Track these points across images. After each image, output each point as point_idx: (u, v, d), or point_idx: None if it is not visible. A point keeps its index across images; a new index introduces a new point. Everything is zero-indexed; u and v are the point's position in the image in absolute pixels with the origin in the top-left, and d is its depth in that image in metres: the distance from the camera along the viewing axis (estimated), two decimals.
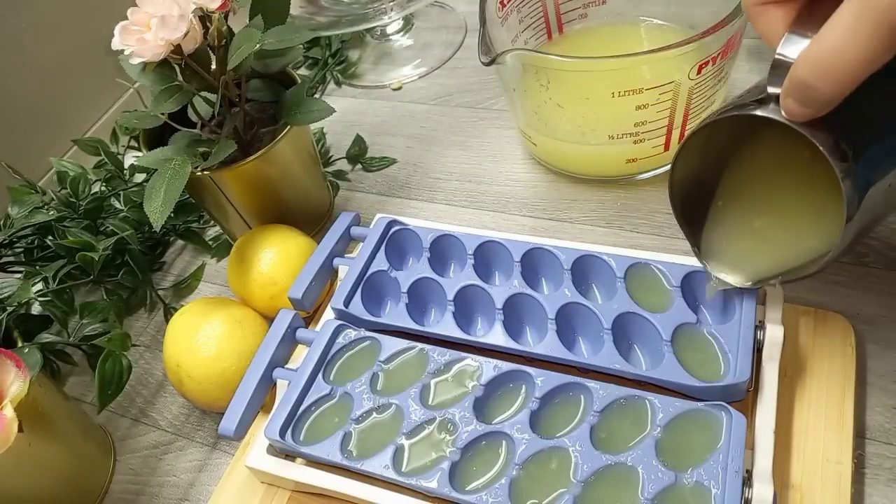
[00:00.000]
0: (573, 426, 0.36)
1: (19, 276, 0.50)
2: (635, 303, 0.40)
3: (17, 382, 0.36)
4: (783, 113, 0.29)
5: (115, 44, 0.41)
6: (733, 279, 0.37)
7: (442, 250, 0.46)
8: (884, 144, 0.31)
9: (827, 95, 0.27)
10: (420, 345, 0.41)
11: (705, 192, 0.39)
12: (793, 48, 0.28)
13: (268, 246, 0.48)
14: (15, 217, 0.53)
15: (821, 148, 0.29)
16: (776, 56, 0.29)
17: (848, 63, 0.25)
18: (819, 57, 0.26)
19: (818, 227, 0.34)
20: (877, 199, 0.31)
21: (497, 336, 0.41)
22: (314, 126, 0.61)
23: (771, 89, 0.29)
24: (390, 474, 0.36)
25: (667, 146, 0.49)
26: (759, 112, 0.30)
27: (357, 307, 0.44)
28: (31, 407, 0.38)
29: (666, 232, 0.49)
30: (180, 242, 0.60)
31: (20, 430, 0.35)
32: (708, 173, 0.38)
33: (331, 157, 0.63)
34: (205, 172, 0.47)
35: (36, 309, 0.52)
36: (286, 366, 0.42)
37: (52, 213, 0.53)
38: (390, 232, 0.47)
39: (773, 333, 0.37)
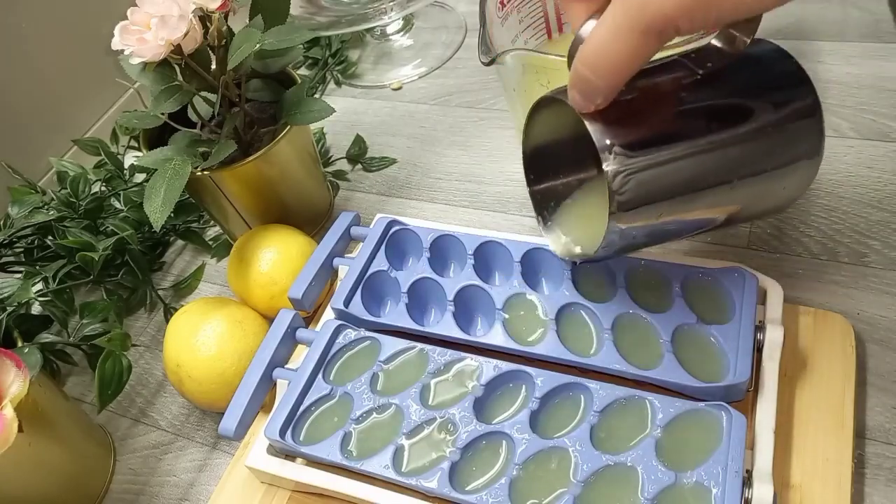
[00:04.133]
0: (573, 426, 0.36)
1: (19, 276, 0.50)
2: (636, 303, 0.40)
3: (17, 382, 0.36)
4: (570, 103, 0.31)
5: (115, 44, 0.41)
6: (557, 248, 0.39)
7: (442, 250, 0.46)
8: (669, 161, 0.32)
9: (601, 88, 0.29)
10: (420, 345, 0.41)
11: (564, 165, 0.40)
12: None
13: (268, 246, 0.48)
14: (15, 217, 0.53)
15: (593, 136, 0.31)
16: (573, 44, 0.30)
17: (612, 61, 0.27)
18: (590, 53, 0.28)
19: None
20: (652, 211, 0.33)
21: (497, 336, 0.41)
22: (314, 126, 0.61)
23: None
24: (390, 474, 0.36)
25: None
26: (558, 96, 0.33)
27: (357, 307, 0.44)
28: (31, 407, 0.38)
29: None
30: (180, 242, 0.60)
31: (20, 430, 0.35)
32: (564, 148, 0.39)
33: (331, 157, 0.63)
34: (205, 172, 0.47)
35: (36, 309, 0.52)
36: (286, 366, 0.42)
37: (52, 213, 0.53)
38: (390, 232, 0.47)
39: (773, 333, 0.37)
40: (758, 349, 0.38)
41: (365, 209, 0.57)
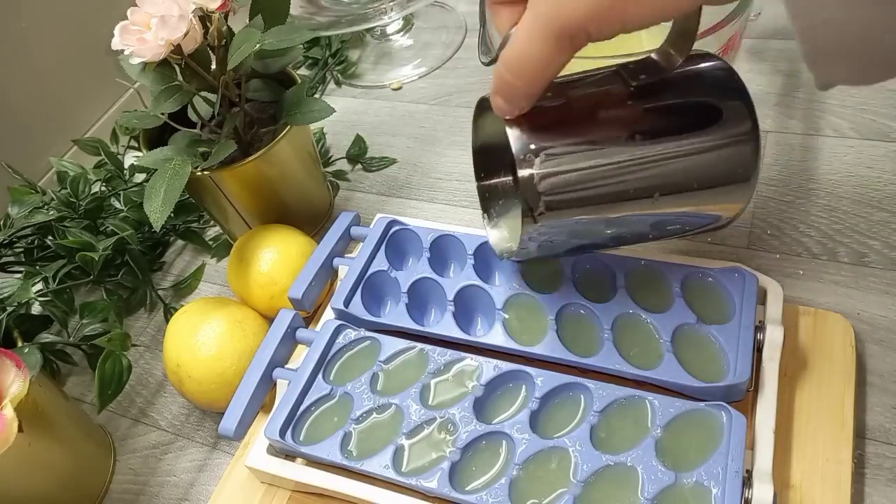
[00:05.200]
0: (573, 426, 0.36)
1: (19, 276, 0.50)
2: (636, 303, 0.40)
3: (17, 382, 0.36)
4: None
5: (115, 44, 0.41)
6: (496, 246, 0.40)
7: (442, 250, 0.46)
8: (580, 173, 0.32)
9: (522, 91, 0.30)
10: (420, 345, 0.41)
11: (506, 164, 0.41)
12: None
13: (268, 246, 0.48)
14: (15, 217, 0.53)
15: (510, 140, 0.31)
16: (499, 48, 0.31)
17: (531, 64, 0.29)
18: (509, 57, 0.29)
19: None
20: (563, 227, 0.33)
21: (497, 336, 0.41)
22: (314, 126, 0.61)
23: None
24: (390, 474, 0.36)
25: None
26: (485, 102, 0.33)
27: (357, 307, 0.44)
28: (31, 407, 0.38)
29: None
30: (180, 242, 0.60)
31: (20, 430, 0.35)
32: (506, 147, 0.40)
33: (331, 157, 0.63)
34: (205, 172, 0.47)
35: (36, 309, 0.52)
36: (286, 366, 0.42)
37: (52, 213, 0.53)
38: (390, 232, 0.47)
39: (773, 333, 0.37)
40: (758, 349, 0.38)
41: (365, 209, 0.57)
